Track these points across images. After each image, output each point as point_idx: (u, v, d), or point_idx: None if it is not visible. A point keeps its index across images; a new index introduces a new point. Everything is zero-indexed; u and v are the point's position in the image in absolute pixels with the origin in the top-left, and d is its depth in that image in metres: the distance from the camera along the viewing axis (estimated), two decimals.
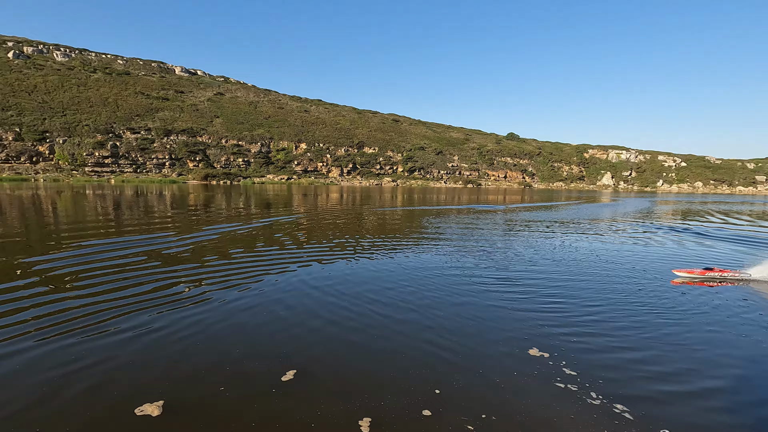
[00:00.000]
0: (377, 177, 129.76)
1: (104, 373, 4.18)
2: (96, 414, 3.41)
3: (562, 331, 5.70)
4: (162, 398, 3.56)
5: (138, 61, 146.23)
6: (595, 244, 13.89)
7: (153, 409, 3.39)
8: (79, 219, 17.96)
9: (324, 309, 6.37)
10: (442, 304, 6.72)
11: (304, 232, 15.21)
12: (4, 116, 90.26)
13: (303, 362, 4.47)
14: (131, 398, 3.60)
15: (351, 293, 7.23)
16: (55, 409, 3.49)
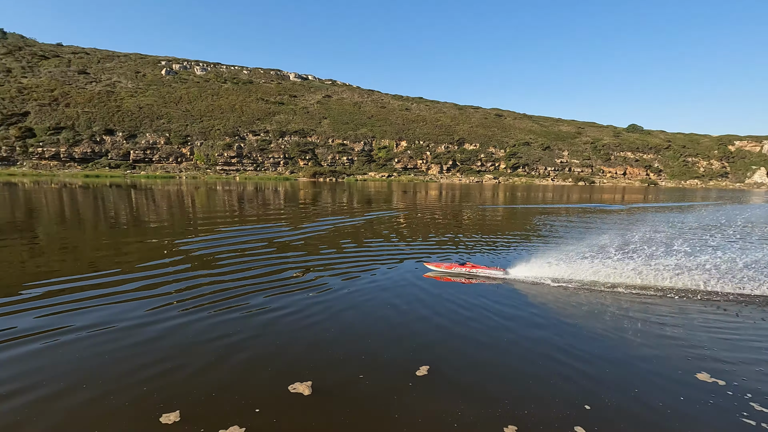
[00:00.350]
0: (478, 174, 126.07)
1: (253, 348, 4.47)
2: (254, 386, 3.63)
3: (736, 356, 4.62)
4: (310, 379, 3.65)
5: (259, 71, 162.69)
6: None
7: (304, 389, 3.52)
8: (211, 210, 20.44)
9: (442, 306, 6.11)
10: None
11: (407, 227, 15.17)
12: (158, 124, 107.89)
13: (434, 359, 4.27)
14: (283, 376, 3.79)
15: (466, 293, 6.86)
16: (215, 378, 3.77)
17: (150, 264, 8.29)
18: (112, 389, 3.55)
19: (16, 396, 3.45)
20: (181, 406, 3.22)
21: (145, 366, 3.97)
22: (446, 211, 22.77)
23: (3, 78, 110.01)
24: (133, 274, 7.55)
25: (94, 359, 4.17)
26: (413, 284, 7.16)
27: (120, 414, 3.17)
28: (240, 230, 13.29)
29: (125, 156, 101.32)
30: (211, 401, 3.34)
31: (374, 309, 5.82)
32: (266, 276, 7.47)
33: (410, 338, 4.80)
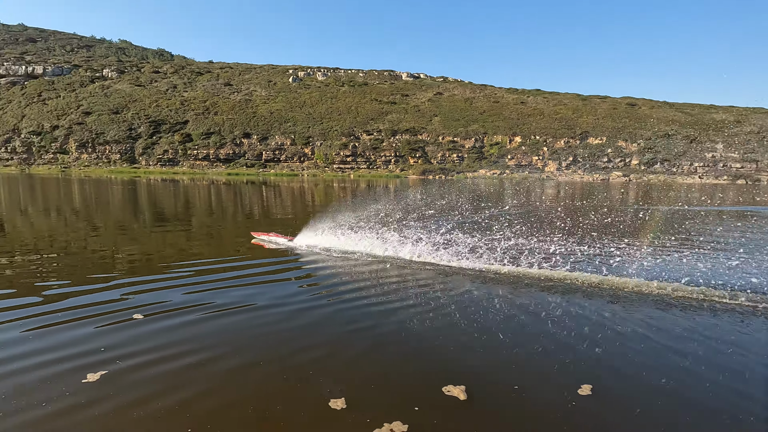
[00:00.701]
0: (603, 171, 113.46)
1: (406, 342, 4.47)
2: (410, 383, 3.61)
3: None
4: (463, 383, 3.49)
5: (374, 72, 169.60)
6: None
7: (458, 393, 3.36)
8: (326, 203, 21.83)
9: (597, 315, 5.41)
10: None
11: (530, 226, 14.16)
12: (285, 127, 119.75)
13: (597, 378, 3.71)
14: (437, 376, 3.69)
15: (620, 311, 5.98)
16: (372, 368, 3.87)
17: (279, 251, 9.11)
18: (270, 362, 3.86)
19: (183, 357, 3.93)
20: (346, 394, 3.30)
21: (300, 348, 4.21)
22: (575, 211, 20.81)
23: (171, 93, 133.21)
24: (267, 258, 8.36)
25: (246, 332, 4.61)
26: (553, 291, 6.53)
27: (288, 391, 3.37)
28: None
29: (258, 156, 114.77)
30: (372, 392, 3.38)
31: (530, 317, 5.38)
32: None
33: (567, 353, 4.30)
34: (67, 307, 5.25)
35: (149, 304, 5.41)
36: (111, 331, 4.55)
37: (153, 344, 4.22)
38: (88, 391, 3.28)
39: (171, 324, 4.80)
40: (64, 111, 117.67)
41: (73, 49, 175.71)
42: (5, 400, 3.15)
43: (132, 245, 9.77)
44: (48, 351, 4.02)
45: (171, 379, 3.53)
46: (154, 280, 6.67)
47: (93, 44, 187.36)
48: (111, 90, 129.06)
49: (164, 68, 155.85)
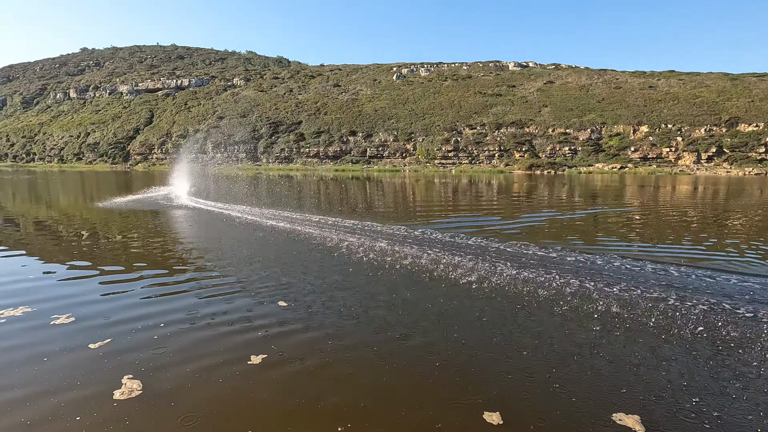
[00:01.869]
0: (758, 164, 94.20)
1: (580, 362, 4.26)
2: (579, 408, 3.39)
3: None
4: (638, 413, 3.23)
5: (478, 64, 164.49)
6: None
7: (633, 423, 3.11)
8: (430, 199, 21.74)
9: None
10: None
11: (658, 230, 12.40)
12: (388, 124, 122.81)
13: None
14: (607, 402, 3.45)
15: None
16: (533, 385, 3.81)
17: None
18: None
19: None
20: (502, 408, 3.28)
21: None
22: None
23: (287, 96, 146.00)
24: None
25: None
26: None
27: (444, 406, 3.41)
28: (469, 220, 13.64)
29: (363, 153, 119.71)
30: (533, 411, 3.29)
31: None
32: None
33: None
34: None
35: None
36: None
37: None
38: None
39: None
40: (203, 117, 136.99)
41: (211, 62, 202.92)
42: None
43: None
44: None
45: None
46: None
47: (226, 57, 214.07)
48: (239, 96, 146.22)
49: (282, 74, 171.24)
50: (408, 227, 12.47)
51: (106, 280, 7.08)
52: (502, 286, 6.66)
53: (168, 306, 5.73)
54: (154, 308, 5.64)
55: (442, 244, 9.82)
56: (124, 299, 6.05)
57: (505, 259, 8.39)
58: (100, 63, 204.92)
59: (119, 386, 3.67)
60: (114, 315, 5.33)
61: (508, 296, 6.09)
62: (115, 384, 3.72)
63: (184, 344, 4.55)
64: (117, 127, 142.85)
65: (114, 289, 6.56)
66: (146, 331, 4.88)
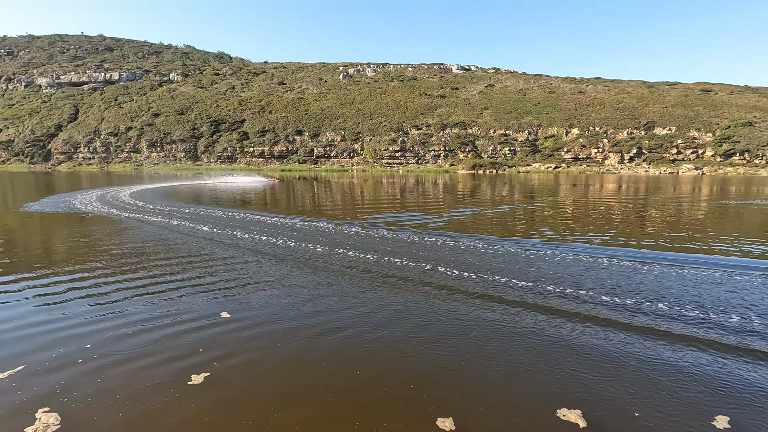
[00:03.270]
0: (671, 164, 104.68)
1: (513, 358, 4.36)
2: (523, 407, 3.45)
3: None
4: (580, 408, 3.37)
5: (423, 66, 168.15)
6: None
7: (575, 418, 3.25)
8: (374, 198, 22.02)
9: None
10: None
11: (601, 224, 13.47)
12: (336, 123, 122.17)
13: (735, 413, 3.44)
14: (552, 398, 3.55)
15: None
16: (483, 386, 3.93)
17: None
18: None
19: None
20: (454, 414, 3.28)
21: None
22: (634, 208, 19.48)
23: (230, 93, 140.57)
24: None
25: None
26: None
27: (396, 411, 3.36)
28: (410, 216, 14.00)
29: (310, 153, 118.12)
30: (483, 413, 3.33)
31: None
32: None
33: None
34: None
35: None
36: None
37: None
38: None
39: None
40: (136, 113, 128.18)
41: (144, 56, 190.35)
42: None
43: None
44: None
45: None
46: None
47: (161, 50, 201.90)
48: (177, 93, 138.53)
49: (224, 70, 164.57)
50: (337, 224, 12.59)
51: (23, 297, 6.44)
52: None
53: (93, 327, 5.10)
54: (76, 330, 5.00)
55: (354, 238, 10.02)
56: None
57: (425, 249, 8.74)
58: (13, 52, 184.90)
59: (32, 422, 3.16)
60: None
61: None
62: (27, 420, 3.20)
63: (111, 368, 4.03)
64: (35, 123, 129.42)
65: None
66: (66, 356, 4.28)
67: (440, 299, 6.04)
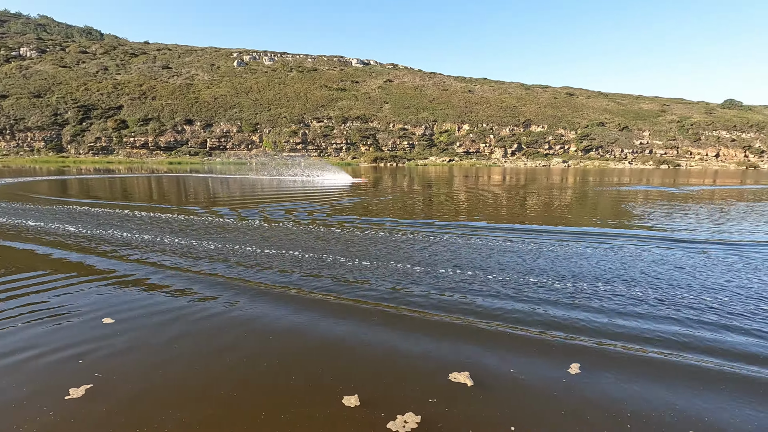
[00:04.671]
0: (545, 158, 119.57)
1: (413, 338, 4.72)
2: (421, 373, 3.83)
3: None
4: (467, 369, 3.75)
5: (323, 58, 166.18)
6: None
7: (464, 379, 3.62)
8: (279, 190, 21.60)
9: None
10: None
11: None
12: (231, 113, 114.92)
13: (585, 358, 4.25)
14: (444, 364, 3.96)
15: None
16: (385, 364, 4.07)
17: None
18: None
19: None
20: (360, 391, 3.43)
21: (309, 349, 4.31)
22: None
23: (101, 75, 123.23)
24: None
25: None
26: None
27: (302, 397, 3.42)
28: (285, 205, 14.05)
29: (203, 144, 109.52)
30: (384, 386, 3.55)
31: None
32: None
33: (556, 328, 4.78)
34: None
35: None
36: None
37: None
38: None
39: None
40: None
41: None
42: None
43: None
44: None
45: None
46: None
47: (6, 19, 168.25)
48: (31, 71, 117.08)
49: (93, 48, 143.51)
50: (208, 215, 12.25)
51: None
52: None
53: None
54: None
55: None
56: None
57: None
58: None
59: None
60: None
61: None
62: None
63: None
64: None
65: None
66: None
67: (344, 285, 6.36)
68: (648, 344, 4.37)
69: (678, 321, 4.94)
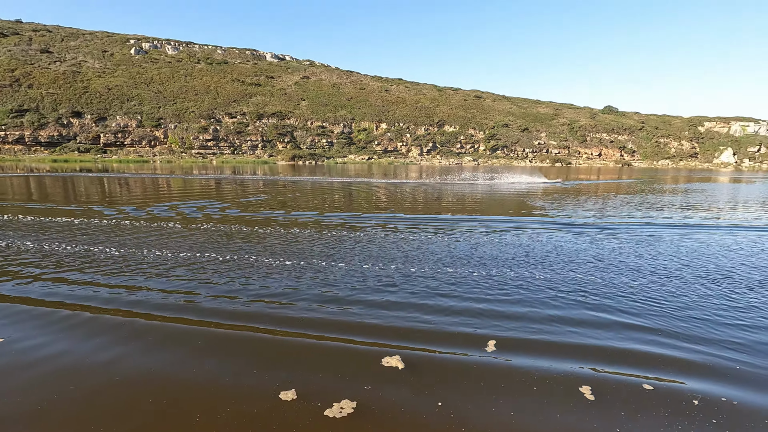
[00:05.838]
0: (458, 156, 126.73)
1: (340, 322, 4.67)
2: (352, 361, 3.94)
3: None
4: (397, 353, 3.79)
5: (234, 50, 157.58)
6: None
7: (396, 362, 3.84)
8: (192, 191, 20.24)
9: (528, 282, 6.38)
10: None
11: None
12: (129, 106, 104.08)
13: (499, 334, 4.54)
14: (375, 351, 4.20)
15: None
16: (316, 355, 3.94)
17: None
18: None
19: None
20: (297, 385, 3.51)
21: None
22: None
23: None
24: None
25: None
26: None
27: (239, 394, 3.42)
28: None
29: (95, 140, 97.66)
30: (320, 378, 3.67)
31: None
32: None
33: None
34: None
35: None
36: None
37: None
38: None
39: None
40: None
41: None
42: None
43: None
44: None
45: None
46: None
47: None
48: None
49: None
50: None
51: None
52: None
53: None
54: None
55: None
56: None
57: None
58: None
59: None
60: None
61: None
62: None
63: None
64: None
65: None
66: None
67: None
68: (549, 323, 5.03)
69: (559, 307, 5.66)
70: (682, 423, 3.10)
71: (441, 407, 3.24)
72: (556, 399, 3.37)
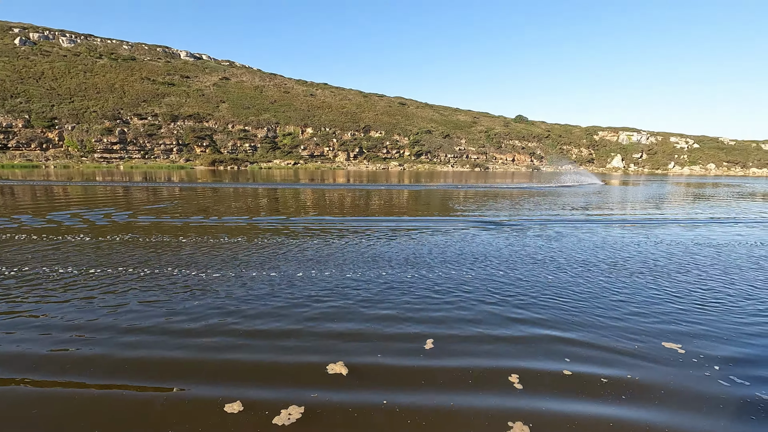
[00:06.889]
0: (384, 161, 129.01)
1: (287, 330, 4.34)
2: (299, 368, 3.61)
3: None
4: (341, 359, 3.66)
5: (143, 47, 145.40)
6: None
7: (340, 368, 3.94)
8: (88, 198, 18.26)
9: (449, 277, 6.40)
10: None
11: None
12: (13, 103, 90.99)
13: (438, 332, 4.56)
14: (319, 357, 4.31)
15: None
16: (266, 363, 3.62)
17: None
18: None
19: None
20: (242, 397, 3.49)
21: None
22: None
23: None
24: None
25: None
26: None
27: (183, 408, 3.35)
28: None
29: None
30: (266, 391, 3.64)
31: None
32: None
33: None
34: None
35: None
36: None
37: None
38: None
39: None
40: None
41: None
42: None
43: None
44: None
45: None
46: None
47: None
48: None
49: None
50: None
51: None
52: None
53: None
54: None
55: None
56: None
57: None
58: None
59: None
60: None
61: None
62: None
63: None
64: None
65: None
66: None
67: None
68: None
69: (502, 302, 6.11)
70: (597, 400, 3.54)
71: (386, 404, 3.40)
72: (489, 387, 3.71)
